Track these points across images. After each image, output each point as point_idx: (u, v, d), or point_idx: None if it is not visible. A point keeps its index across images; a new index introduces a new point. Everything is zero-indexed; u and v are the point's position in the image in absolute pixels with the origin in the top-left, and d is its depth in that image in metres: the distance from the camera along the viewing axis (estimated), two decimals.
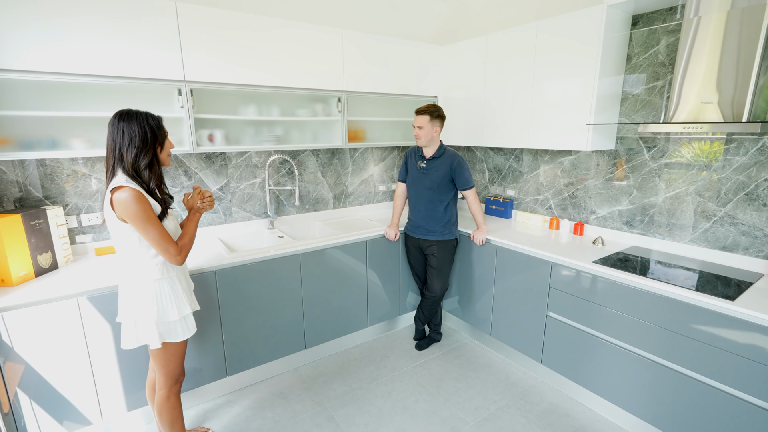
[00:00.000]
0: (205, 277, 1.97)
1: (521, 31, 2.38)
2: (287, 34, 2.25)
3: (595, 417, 2.06)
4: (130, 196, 1.30)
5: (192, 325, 1.58)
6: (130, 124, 1.34)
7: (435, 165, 2.36)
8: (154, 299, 1.46)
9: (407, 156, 2.51)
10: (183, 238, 1.47)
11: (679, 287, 1.67)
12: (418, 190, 2.42)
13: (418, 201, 2.44)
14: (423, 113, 2.29)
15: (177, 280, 1.52)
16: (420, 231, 2.47)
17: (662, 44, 2.03)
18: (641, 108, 2.15)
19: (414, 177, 2.44)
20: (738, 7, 1.61)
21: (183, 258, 1.45)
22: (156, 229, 1.36)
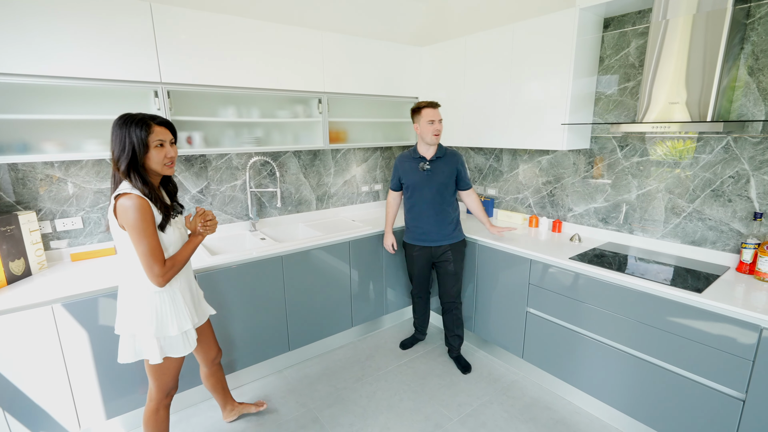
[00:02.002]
0: None
1: (498, 33, 2.42)
2: (266, 36, 2.24)
3: (575, 410, 2.11)
4: (132, 204, 1.26)
5: (193, 340, 1.52)
6: (119, 130, 1.30)
7: (439, 165, 2.26)
8: (153, 312, 1.40)
9: (399, 163, 2.34)
10: (173, 259, 1.38)
11: (652, 281, 1.73)
12: (424, 194, 2.27)
13: (424, 206, 2.29)
14: (438, 106, 2.23)
15: (179, 293, 1.46)
16: (428, 238, 2.33)
17: (632, 46, 2.10)
18: (614, 108, 2.22)
19: (417, 181, 2.27)
20: (702, 11, 1.68)
21: (165, 280, 1.35)
22: (149, 243, 1.29)
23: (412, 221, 2.37)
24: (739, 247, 1.86)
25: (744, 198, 1.83)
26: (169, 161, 1.36)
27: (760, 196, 1.78)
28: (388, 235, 2.50)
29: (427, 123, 2.17)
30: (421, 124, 2.21)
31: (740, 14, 1.68)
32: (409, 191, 2.32)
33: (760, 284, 1.68)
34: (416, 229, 2.35)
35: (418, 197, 2.29)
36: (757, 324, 1.43)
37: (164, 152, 1.34)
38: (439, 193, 2.27)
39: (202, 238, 1.50)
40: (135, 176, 1.31)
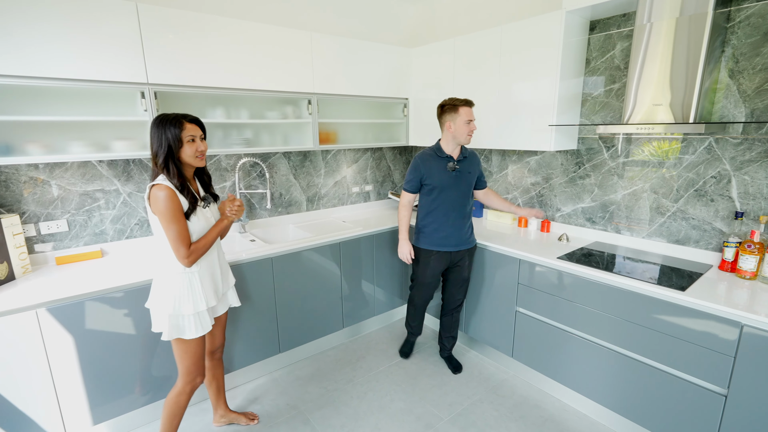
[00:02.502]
0: None
1: (486, 34, 2.44)
2: (255, 37, 2.23)
3: (563, 407, 2.14)
4: (162, 193, 1.42)
5: (207, 324, 1.60)
6: (156, 129, 1.47)
7: (465, 166, 2.18)
8: (170, 291, 1.53)
9: (422, 162, 2.16)
10: (198, 242, 1.52)
11: (637, 280, 1.76)
12: (451, 196, 2.16)
13: (451, 209, 2.17)
14: (473, 104, 2.12)
15: (197, 276, 1.57)
16: (449, 243, 2.21)
17: (617, 49, 2.13)
18: (600, 109, 2.25)
19: (445, 182, 2.13)
20: (685, 15, 1.71)
21: (191, 261, 1.50)
22: (176, 228, 1.44)
23: (431, 225, 2.21)
24: (721, 245, 1.90)
25: (726, 197, 1.87)
26: (200, 154, 1.52)
27: (741, 195, 1.82)
28: (405, 242, 2.28)
29: (464, 123, 2.05)
30: (457, 123, 2.06)
31: (721, 18, 1.72)
32: (434, 193, 2.16)
33: (742, 282, 1.72)
34: (436, 233, 2.21)
35: (444, 199, 2.16)
36: (738, 321, 1.46)
37: (195, 146, 1.50)
38: (465, 195, 2.19)
39: (228, 222, 1.63)
40: (172, 168, 1.47)
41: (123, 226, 2.25)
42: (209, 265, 1.63)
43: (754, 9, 1.69)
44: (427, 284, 2.33)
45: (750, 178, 1.79)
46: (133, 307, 1.83)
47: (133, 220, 2.27)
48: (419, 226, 2.28)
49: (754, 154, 1.76)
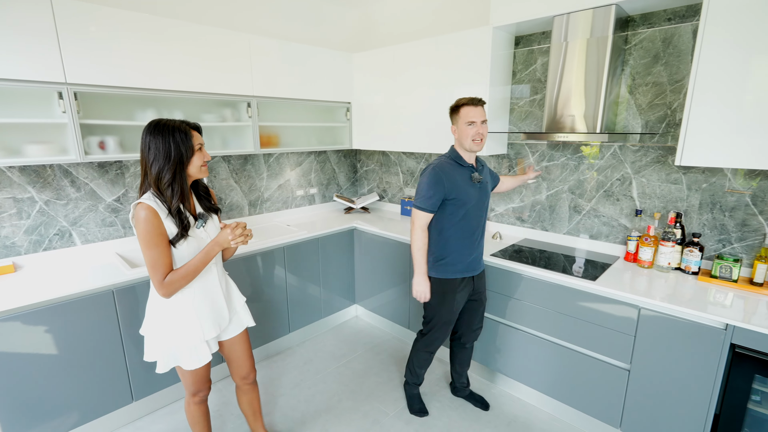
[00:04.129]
0: (101, 297, 1.82)
1: (423, 44, 2.56)
2: (189, 37, 2.14)
3: (500, 393, 2.31)
4: (140, 215, 1.26)
5: (204, 355, 1.46)
6: (155, 138, 1.28)
7: (484, 176, 1.91)
8: (162, 319, 1.41)
9: (443, 174, 1.76)
10: (177, 271, 1.32)
11: (558, 273, 1.96)
12: (478, 212, 1.85)
13: (476, 227, 1.87)
14: (482, 104, 1.77)
15: (192, 304, 1.41)
16: (474, 267, 1.91)
17: (539, 63, 2.35)
18: (526, 117, 2.46)
19: (472, 197, 1.80)
20: (594, 37, 1.93)
21: (167, 292, 1.33)
22: (151, 255, 1.29)
23: (458, 250, 1.84)
24: (625, 239, 2.17)
25: (628, 197, 2.14)
26: (205, 164, 1.39)
27: (640, 195, 2.10)
28: (424, 277, 1.86)
29: (465, 124, 1.74)
30: (459, 126, 1.78)
31: (620, 41, 1.97)
32: (458, 209, 1.79)
33: (641, 270, 1.99)
34: (463, 259, 1.86)
35: (472, 217, 1.83)
36: (636, 305, 1.70)
37: (202, 156, 1.36)
38: (485, 209, 1.91)
39: (219, 249, 1.38)
40: (176, 186, 1.30)
41: (40, 237, 2.06)
42: (207, 290, 1.46)
43: (645, 34, 1.96)
44: (451, 322, 1.94)
45: (646, 180, 2.07)
46: (53, 325, 1.69)
47: (52, 230, 2.09)
48: (440, 252, 1.86)
49: (648, 160, 2.04)
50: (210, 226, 1.46)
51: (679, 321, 1.59)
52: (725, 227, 1.87)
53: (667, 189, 2.01)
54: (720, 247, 1.90)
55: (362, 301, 3.07)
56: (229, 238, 1.36)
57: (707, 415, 1.58)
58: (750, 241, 1.82)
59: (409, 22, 3.00)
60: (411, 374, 2.15)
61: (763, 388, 1.49)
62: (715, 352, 1.52)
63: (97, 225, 2.23)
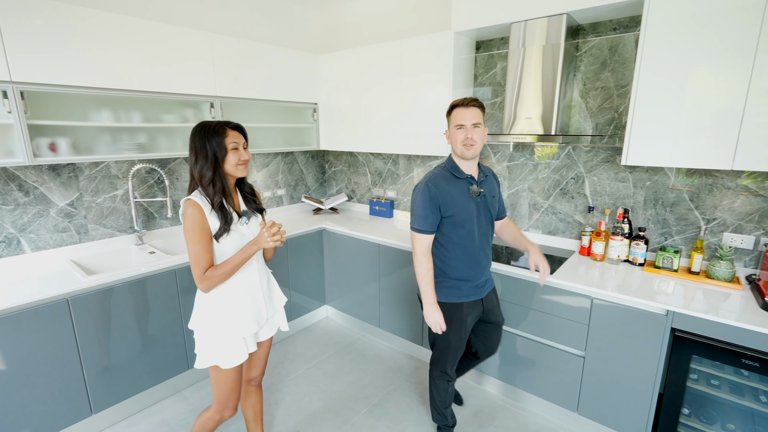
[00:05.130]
0: (55, 307, 1.73)
1: (388, 47, 2.60)
2: (147, 35, 2.08)
3: (467, 386, 2.39)
4: (187, 212, 1.33)
5: (242, 352, 1.47)
6: (194, 139, 1.36)
7: (488, 187, 1.70)
8: (205, 313, 1.44)
9: (437, 188, 1.58)
10: (217, 267, 1.38)
11: (519, 267, 2.05)
12: (477, 228, 1.64)
13: (479, 247, 1.66)
14: (476, 105, 1.55)
15: (233, 299, 1.44)
16: (483, 288, 1.74)
17: (498, 67, 2.45)
18: (488, 119, 2.55)
19: (469, 211, 1.61)
20: (549, 43, 2.04)
21: (205, 287, 1.38)
22: (194, 249, 1.35)
23: (460, 272, 1.67)
24: (580, 234, 2.31)
25: (582, 195, 2.28)
26: (242, 163, 1.41)
27: (592, 193, 2.24)
28: (435, 308, 1.64)
29: (455, 128, 1.56)
30: (450, 130, 1.60)
31: (572, 48, 2.09)
32: (458, 228, 1.61)
33: (594, 263, 2.12)
34: (467, 281, 1.68)
35: (470, 233, 1.63)
36: (590, 295, 1.81)
37: (239, 155, 1.39)
38: (491, 224, 1.72)
39: (257, 248, 1.41)
40: (217, 182, 1.36)
41: None
42: (248, 286, 1.49)
43: (594, 42, 2.09)
44: (460, 347, 1.77)
45: (597, 179, 2.21)
46: (2, 338, 1.60)
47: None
48: (442, 274, 1.69)
49: (599, 160, 2.18)
50: (254, 224, 1.51)
51: (627, 309, 1.72)
52: (667, 221, 2.04)
53: (616, 187, 2.15)
54: (662, 240, 2.06)
55: (332, 302, 3.08)
56: (266, 237, 1.39)
57: (653, 395, 1.72)
58: (688, 233, 1.99)
59: (375, 25, 3.03)
60: (438, 415, 1.90)
61: (699, 367, 1.64)
62: (658, 337, 1.66)
63: (49, 231, 2.12)
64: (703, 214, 1.93)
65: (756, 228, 1.82)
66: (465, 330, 1.73)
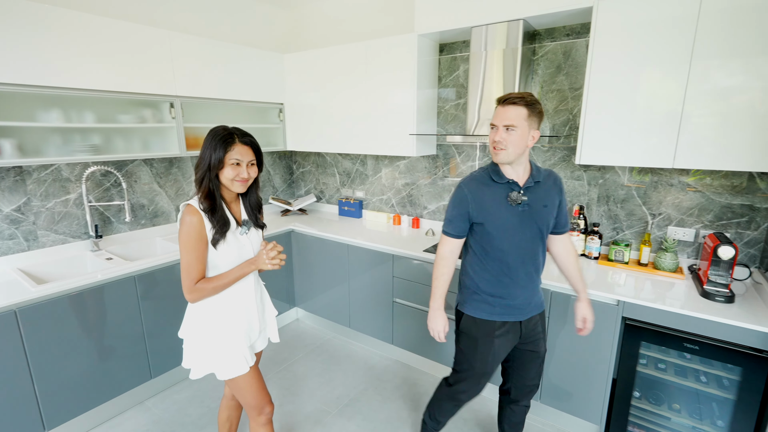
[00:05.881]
0: (2, 320, 1.63)
1: (355, 47, 2.61)
2: (100, 31, 1.99)
3: (436, 381, 2.44)
4: (185, 218, 1.28)
5: (240, 365, 1.40)
6: (204, 143, 1.32)
7: (539, 194, 1.44)
8: (195, 322, 1.39)
9: (470, 192, 1.43)
10: (210, 281, 1.33)
11: None
12: (518, 242, 1.43)
13: (517, 260, 1.45)
14: (517, 102, 1.33)
15: (225, 309, 1.39)
16: (522, 309, 1.50)
17: (461, 70, 2.51)
18: (452, 120, 2.62)
19: (507, 221, 1.41)
20: (510, 47, 2.11)
21: (193, 298, 1.33)
22: (187, 258, 1.29)
23: (490, 285, 1.48)
24: None
25: None
26: (240, 180, 1.34)
27: None
28: (439, 313, 1.54)
29: (489, 128, 1.42)
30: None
31: (529, 52, 2.18)
32: (490, 238, 1.44)
33: None
34: (500, 298, 1.48)
35: (509, 246, 1.43)
36: (549, 288, 1.90)
37: (237, 171, 1.32)
38: (540, 239, 1.47)
39: (254, 268, 1.38)
40: (204, 186, 1.31)
41: None
42: (242, 298, 1.44)
43: (550, 47, 2.19)
44: (487, 374, 1.55)
45: None
46: None
47: None
48: (469, 285, 1.53)
49: (557, 159, 2.29)
50: (254, 235, 1.46)
51: None
52: (618, 217, 2.16)
53: (572, 185, 2.26)
54: (615, 235, 2.19)
55: (303, 304, 3.06)
56: (265, 259, 1.35)
57: (607, 381, 1.82)
58: (637, 228, 2.12)
59: (340, 25, 3.04)
60: (431, 419, 1.77)
61: (647, 353, 1.76)
62: (611, 325, 1.76)
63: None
64: (650, 209, 2.07)
65: (696, 221, 1.97)
66: (493, 355, 1.49)
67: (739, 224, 1.88)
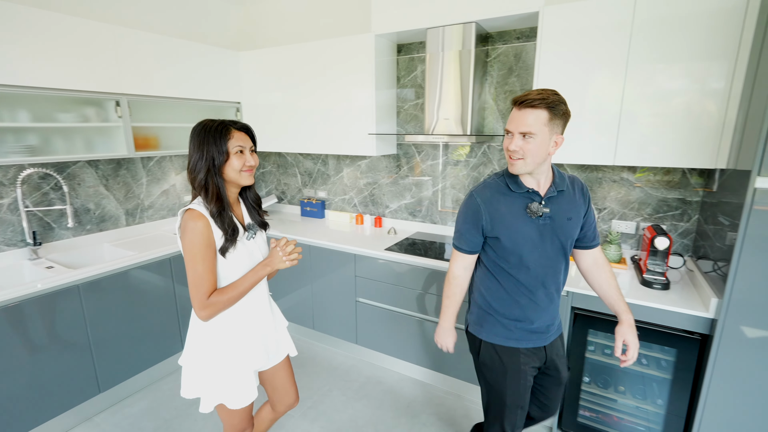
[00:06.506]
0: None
1: (313, 46, 2.59)
2: (32, 25, 1.85)
3: (400, 377, 2.47)
4: (189, 225, 1.16)
5: (251, 389, 1.31)
6: (193, 140, 1.20)
7: (563, 205, 1.28)
8: (203, 346, 1.26)
9: (483, 202, 1.27)
10: (224, 292, 1.21)
11: (444, 261, 2.16)
12: (543, 259, 1.28)
13: (540, 281, 1.31)
14: (536, 105, 1.14)
15: (238, 328, 1.28)
16: (545, 334, 1.36)
17: (419, 70, 2.55)
18: (411, 120, 2.65)
19: (524, 237, 1.26)
20: (466, 48, 2.16)
21: (206, 315, 1.20)
22: (197, 270, 1.17)
23: (507, 307, 1.33)
24: None
25: None
26: (248, 169, 1.24)
27: None
28: (449, 330, 1.43)
29: (505, 133, 1.24)
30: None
31: (482, 54, 2.25)
32: (506, 254, 1.29)
33: None
34: (517, 320, 1.33)
35: (527, 264, 1.28)
36: None
37: (243, 159, 1.23)
38: (563, 256, 1.32)
39: (270, 270, 1.27)
40: (212, 188, 1.20)
41: None
42: (255, 313, 1.33)
43: (502, 50, 2.27)
44: (520, 405, 1.39)
45: None
46: None
47: None
48: (480, 303, 1.39)
49: None
50: (260, 239, 1.36)
51: None
52: None
53: None
54: None
55: None
56: (282, 257, 1.25)
57: None
58: None
59: (298, 23, 3.00)
60: None
61: (595, 340, 1.86)
62: (562, 315, 1.85)
63: None
64: (596, 204, 2.19)
65: (637, 215, 2.11)
66: (524, 384, 1.35)
67: (673, 216, 2.03)
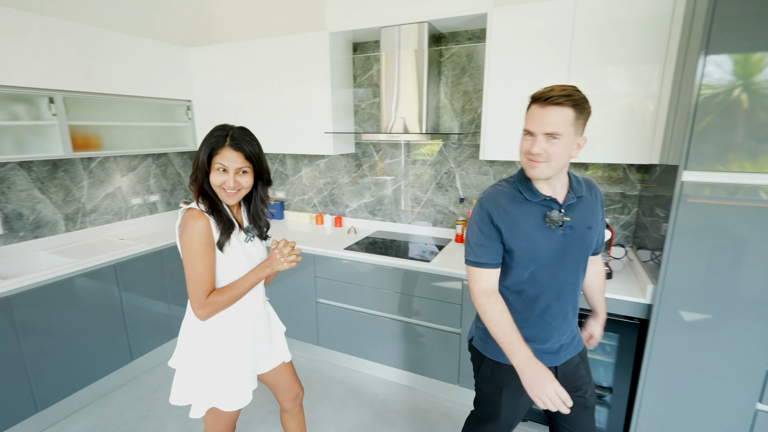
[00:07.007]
0: None
1: (268, 43, 2.52)
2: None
3: (363, 377, 2.46)
4: (187, 223, 1.15)
5: (246, 392, 1.29)
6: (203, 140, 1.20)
7: (583, 213, 1.16)
8: (196, 349, 1.24)
9: (496, 210, 1.13)
10: (223, 292, 1.20)
11: (402, 258, 2.18)
12: (563, 273, 1.16)
13: (555, 298, 1.17)
14: (562, 103, 1.01)
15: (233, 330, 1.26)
16: (557, 354, 1.21)
17: (375, 69, 2.56)
18: (368, 119, 2.65)
19: (542, 250, 1.12)
20: (421, 48, 2.18)
21: (204, 314, 1.19)
22: (196, 268, 1.16)
23: (519, 326, 1.14)
24: (455, 223, 2.54)
25: (454, 188, 2.51)
26: (229, 189, 1.19)
27: (462, 185, 2.48)
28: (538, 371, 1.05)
29: (522, 133, 1.11)
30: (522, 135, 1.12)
31: (436, 54, 2.29)
32: (519, 268, 1.15)
33: None
34: (528, 340, 1.14)
35: (543, 280, 1.15)
36: (460, 278, 2.01)
37: (224, 179, 1.18)
38: (582, 270, 1.20)
39: (270, 271, 1.25)
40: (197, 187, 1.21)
41: None
42: (250, 315, 1.32)
43: (455, 50, 2.32)
44: (509, 424, 1.29)
45: (465, 172, 2.45)
46: None
47: None
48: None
49: (465, 155, 2.43)
50: (259, 244, 1.34)
51: None
52: None
53: (480, 179, 2.42)
54: None
55: None
56: (280, 258, 1.23)
57: None
58: None
59: (250, 19, 2.91)
60: None
61: None
62: None
63: None
64: None
65: None
66: (522, 404, 1.24)
67: (615, 210, 2.15)
